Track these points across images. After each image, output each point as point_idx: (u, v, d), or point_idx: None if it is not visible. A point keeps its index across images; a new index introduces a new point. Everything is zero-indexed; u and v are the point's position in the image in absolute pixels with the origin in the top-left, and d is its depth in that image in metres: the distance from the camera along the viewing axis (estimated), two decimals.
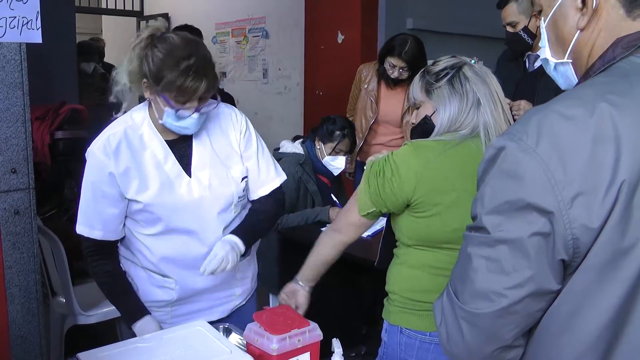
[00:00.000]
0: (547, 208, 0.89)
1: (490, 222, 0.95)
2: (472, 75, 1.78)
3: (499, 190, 0.95)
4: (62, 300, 3.07)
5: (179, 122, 1.82)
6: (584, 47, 1.05)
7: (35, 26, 2.38)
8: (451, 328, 1.03)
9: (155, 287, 1.99)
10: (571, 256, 0.91)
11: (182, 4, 9.23)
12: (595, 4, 1.01)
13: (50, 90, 4.57)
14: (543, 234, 0.91)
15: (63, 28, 4.87)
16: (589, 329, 0.93)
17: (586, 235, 0.89)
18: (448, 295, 1.04)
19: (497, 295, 0.95)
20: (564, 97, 0.97)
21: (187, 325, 1.65)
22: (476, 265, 0.97)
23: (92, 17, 11.62)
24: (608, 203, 0.88)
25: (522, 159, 0.91)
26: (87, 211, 1.89)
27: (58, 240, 2.92)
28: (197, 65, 1.74)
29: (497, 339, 0.99)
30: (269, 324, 1.54)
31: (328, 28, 5.63)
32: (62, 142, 4.36)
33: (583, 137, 0.89)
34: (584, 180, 0.88)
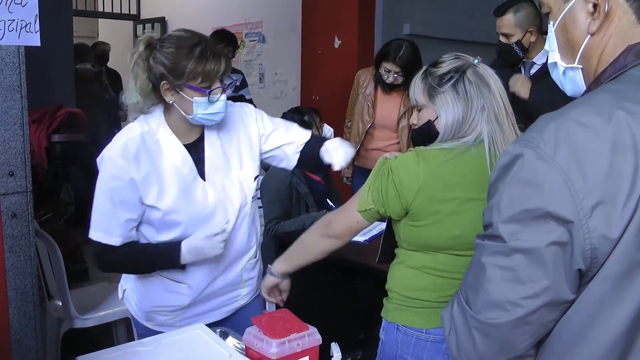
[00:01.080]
0: (567, 217, 0.88)
1: (506, 231, 0.93)
2: (476, 79, 1.73)
3: (516, 199, 0.93)
4: (59, 303, 3.06)
5: (210, 109, 1.83)
6: (594, 52, 1.04)
7: (34, 29, 2.38)
8: (462, 337, 1.01)
9: (167, 292, 1.99)
10: (588, 266, 0.90)
11: (178, 8, 9.24)
12: (607, 8, 1.00)
13: (47, 94, 4.56)
14: (561, 244, 0.90)
15: (61, 31, 4.87)
16: (603, 340, 0.93)
17: (605, 246, 0.88)
18: (459, 304, 1.02)
19: (513, 305, 0.94)
20: (578, 104, 0.97)
21: (186, 329, 1.65)
22: (490, 275, 0.95)
23: (89, 21, 11.61)
24: (627, 213, 0.87)
25: (541, 167, 0.90)
26: (104, 217, 1.86)
27: (55, 243, 2.92)
28: (211, 48, 1.80)
29: (510, 349, 0.98)
30: (268, 328, 1.54)
31: (325, 33, 5.64)
32: (59, 145, 4.35)
33: (602, 146, 0.88)
34: (604, 189, 0.87)
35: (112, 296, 3.27)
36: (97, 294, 3.33)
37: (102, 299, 3.24)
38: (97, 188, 1.87)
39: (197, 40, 1.80)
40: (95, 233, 1.87)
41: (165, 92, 1.84)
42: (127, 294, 2.11)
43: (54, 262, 2.96)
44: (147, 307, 2.03)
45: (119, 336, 3.31)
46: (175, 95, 1.83)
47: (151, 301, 2.01)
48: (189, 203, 1.89)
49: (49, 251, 2.98)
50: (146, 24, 10.00)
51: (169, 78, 1.80)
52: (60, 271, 2.95)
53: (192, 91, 1.80)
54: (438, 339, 1.76)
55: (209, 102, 1.81)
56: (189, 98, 1.81)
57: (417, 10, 5.96)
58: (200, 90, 1.79)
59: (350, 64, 5.33)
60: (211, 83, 1.80)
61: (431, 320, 1.76)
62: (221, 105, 1.84)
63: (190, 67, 1.76)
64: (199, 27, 6.24)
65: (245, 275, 2.10)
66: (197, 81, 1.78)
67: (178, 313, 2.02)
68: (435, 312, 1.74)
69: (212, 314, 2.05)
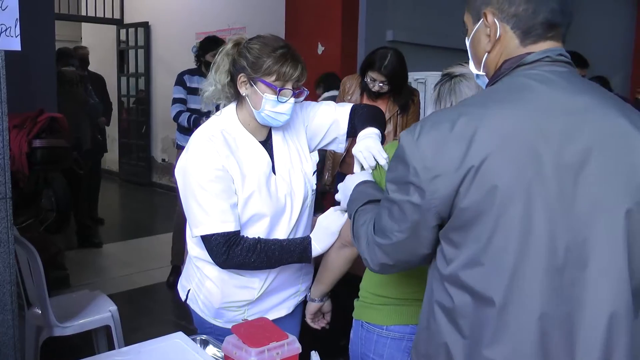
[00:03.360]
0: (419, 184, 1.22)
1: (389, 187, 1.31)
2: (460, 89, 1.76)
3: (394, 167, 1.30)
4: (38, 311, 3.02)
5: (277, 108, 1.90)
6: (491, 65, 1.36)
7: (14, 33, 2.35)
8: (371, 248, 1.40)
9: (237, 288, 2.02)
10: (441, 219, 1.25)
11: (162, 13, 9.23)
12: (498, 34, 1.31)
13: (28, 98, 4.52)
14: (414, 204, 1.25)
15: (42, 35, 4.83)
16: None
17: (443, 202, 1.21)
18: (371, 225, 1.41)
19: (390, 233, 1.32)
20: (457, 104, 1.34)
21: (164, 338, 1.65)
22: (382, 212, 1.35)
23: (72, 25, 11.56)
24: (455, 181, 1.19)
25: (408, 148, 1.25)
26: (212, 209, 1.87)
27: (34, 250, 2.89)
28: (292, 52, 1.90)
29: (390, 259, 1.38)
30: (248, 337, 1.53)
31: (308, 39, 5.66)
32: (40, 150, 4.31)
33: (448, 136, 1.20)
34: (442, 166, 1.20)
35: (93, 303, 3.25)
36: (78, 301, 3.29)
37: (83, 306, 3.21)
38: (189, 188, 1.90)
39: (282, 44, 1.91)
40: (207, 226, 1.87)
41: (241, 84, 1.93)
42: (192, 294, 2.13)
43: (34, 269, 2.93)
44: (218, 304, 2.05)
45: (99, 345, 3.28)
46: (249, 88, 1.92)
47: (223, 297, 2.03)
48: (267, 197, 1.96)
49: (28, 258, 2.95)
50: (129, 29, 9.98)
51: (247, 70, 1.90)
52: (40, 278, 2.91)
53: (264, 86, 1.88)
54: (398, 336, 1.80)
55: (277, 101, 1.89)
56: (260, 93, 1.89)
57: (401, 17, 5.99)
58: (271, 87, 1.88)
59: (333, 70, 5.34)
60: (284, 84, 1.89)
61: (391, 317, 1.80)
62: (288, 107, 1.92)
63: (268, 63, 1.86)
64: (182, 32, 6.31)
65: (304, 269, 2.15)
66: (271, 78, 1.87)
67: (246, 308, 2.06)
68: (396, 309, 1.80)
69: (276, 310, 2.10)
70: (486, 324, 1.19)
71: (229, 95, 2.00)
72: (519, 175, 1.16)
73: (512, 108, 1.20)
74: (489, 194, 1.16)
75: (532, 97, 1.22)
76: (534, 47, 1.29)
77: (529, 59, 1.28)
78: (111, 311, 3.17)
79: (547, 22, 1.28)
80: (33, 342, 3.02)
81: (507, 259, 1.17)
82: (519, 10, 1.28)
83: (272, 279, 2.04)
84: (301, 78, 1.91)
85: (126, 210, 8.91)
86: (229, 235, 1.87)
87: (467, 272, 1.21)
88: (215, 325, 2.07)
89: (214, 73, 1.98)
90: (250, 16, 7.30)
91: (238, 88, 1.94)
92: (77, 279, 5.01)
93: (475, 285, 1.20)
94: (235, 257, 1.88)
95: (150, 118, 9.89)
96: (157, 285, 5.12)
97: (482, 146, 1.17)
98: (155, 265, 5.53)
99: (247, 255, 1.88)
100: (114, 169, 10.60)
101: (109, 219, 7.31)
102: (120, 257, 5.94)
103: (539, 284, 1.17)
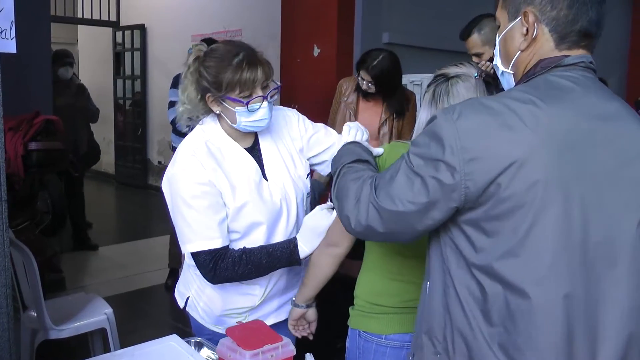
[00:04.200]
0: (451, 163, 1.21)
1: (415, 161, 1.29)
2: (457, 90, 1.74)
3: (426, 143, 1.27)
4: (33, 314, 3.02)
5: (253, 117, 1.86)
6: (522, 64, 1.38)
7: (10, 36, 2.35)
8: (362, 208, 1.37)
9: (239, 295, 2.01)
10: (463, 203, 1.24)
11: (158, 16, 9.22)
12: (535, 33, 1.33)
13: (24, 101, 4.51)
14: (440, 182, 1.23)
15: (38, 38, 4.83)
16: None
17: (473, 187, 1.21)
18: (370, 186, 1.38)
19: (400, 201, 1.29)
20: (494, 95, 1.33)
21: (159, 341, 1.65)
22: (399, 178, 1.31)
23: (68, 27, 11.55)
24: (496, 170, 1.19)
25: (445, 126, 1.24)
26: (198, 226, 1.86)
27: (30, 253, 2.88)
28: (248, 57, 1.82)
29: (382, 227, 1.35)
30: (242, 339, 1.53)
31: (304, 41, 5.65)
32: (36, 153, 4.31)
33: (492, 121, 1.21)
34: (481, 149, 1.20)
35: (89, 306, 3.24)
36: (74, 304, 3.29)
37: (79, 309, 3.20)
38: (175, 204, 1.88)
39: (235, 51, 1.83)
40: (194, 244, 1.87)
41: (211, 103, 1.90)
42: (191, 302, 2.11)
43: (29, 272, 2.93)
44: (219, 312, 2.05)
45: (95, 347, 3.28)
46: (220, 105, 1.89)
47: (224, 305, 2.03)
48: (260, 203, 1.93)
49: (23, 261, 2.94)
50: (125, 31, 9.97)
51: (211, 91, 1.85)
52: (35, 281, 2.91)
53: (232, 102, 1.85)
54: (397, 345, 1.77)
55: (249, 112, 1.85)
56: (232, 108, 1.86)
57: (397, 19, 6.00)
58: (239, 102, 1.83)
59: (329, 72, 5.34)
60: (251, 92, 1.84)
61: (390, 326, 1.78)
62: (263, 112, 1.87)
63: (227, 78, 1.81)
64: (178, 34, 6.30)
65: (303, 273, 2.10)
66: (235, 92, 1.83)
67: (247, 314, 2.04)
68: (394, 317, 1.77)
69: (276, 313, 2.08)
70: (517, 315, 1.22)
71: (204, 111, 1.96)
72: (561, 171, 1.19)
73: (556, 106, 1.23)
74: (532, 187, 1.18)
75: (572, 97, 1.26)
76: (568, 53, 1.33)
77: (566, 61, 1.31)
78: (107, 314, 3.16)
79: (584, 31, 1.31)
80: (28, 345, 3.02)
81: (545, 253, 1.21)
82: (560, 15, 1.31)
83: (273, 284, 2.04)
84: (267, 77, 1.86)
85: (122, 212, 8.90)
86: (215, 251, 1.86)
87: (501, 263, 1.23)
88: (215, 331, 2.06)
89: (182, 93, 1.93)
90: (246, 18, 7.31)
91: (210, 107, 1.91)
92: (73, 282, 5.00)
93: (509, 276, 1.22)
94: (223, 271, 1.87)
95: (146, 120, 9.88)
96: (153, 288, 5.11)
97: (528, 142, 1.18)
98: (151, 268, 5.52)
99: (234, 268, 1.87)
100: (110, 171, 10.59)
101: (104, 221, 7.31)
102: (116, 259, 5.93)
103: (572, 279, 1.22)
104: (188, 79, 1.91)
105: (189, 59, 1.92)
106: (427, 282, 1.42)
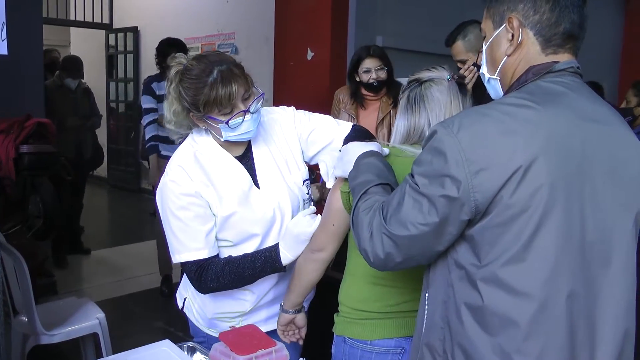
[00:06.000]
0: (457, 177, 1.21)
1: (420, 181, 1.28)
2: (431, 94, 1.74)
3: (429, 160, 1.27)
4: (24, 319, 2.99)
5: (238, 130, 1.85)
6: (509, 69, 1.41)
7: (1, 37, 2.34)
8: (376, 239, 1.35)
9: (230, 299, 2.01)
10: (474, 215, 1.23)
11: (151, 18, 9.20)
12: (520, 39, 1.37)
13: (15, 103, 4.48)
14: (449, 197, 1.22)
15: (30, 40, 4.80)
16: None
17: (483, 198, 1.21)
18: (380, 216, 1.36)
19: (412, 225, 1.28)
20: (490, 103, 1.31)
21: (151, 346, 1.63)
22: (406, 202, 1.30)
23: (61, 29, 11.51)
24: (503, 178, 1.20)
25: (446, 140, 1.24)
26: (185, 237, 1.86)
27: (21, 257, 2.86)
28: (221, 74, 1.78)
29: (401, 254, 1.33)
30: (235, 344, 1.52)
31: (298, 44, 5.65)
32: (28, 156, 4.27)
33: (494, 129, 1.22)
34: (487, 159, 1.20)
35: (81, 311, 3.22)
36: (65, 308, 3.26)
37: (70, 313, 3.18)
38: (164, 214, 1.89)
39: (209, 69, 1.80)
40: (182, 255, 1.87)
41: (197, 121, 1.89)
42: (188, 303, 2.13)
43: (20, 277, 2.91)
44: (211, 315, 2.05)
45: (87, 352, 3.26)
46: (204, 123, 1.89)
47: (215, 308, 2.02)
48: (250, 212, 1.92)
49: (14, 265, 2.92)
50: (118, 34, 9.94)
51: (192, 111, 1.85)
52: (26, 286, 2.89)
53: (214, 120, 1.83)
54: (383, 350, 1.75)
55: (232, 128, 1.83)
56: (215, 125, 1.84)
57: (390, 23, 6.00)
58: (219, 120, 1.82)
59: (322, 75, 5.35)
60: (232, 108, 1.81)
61: (375, 331, 1.76)
62: (247, 125, 1.85)
63: (204, 100, 1.78)
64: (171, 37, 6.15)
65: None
66: (215, 111, 1.81)
67: (240, 319, 2.04)
68: (379, 323, 1.76)
69: (272, 321, 2.05)
70: (520, 320, 1.23)
71: (192, 125, 1.95)
72: (562, 175, 1.22)
73: (553, 109, 1.26)
74: (536, 192, 1.20)
75: (567, 101, 1.29)
76: (555, 57, 1.37)
77: (557, 67, 1.35)
78: (99, 318, 3.14)
79: (567, 33, 1.36)
80: (19, 351, 2.99)
81: (550, 255, 1.22)
82: (543, 18, 1.35)
83: (265, 291, 2.02)
84: (245, 89, 1.83)
85: (114, 216, 8.86)
86: (200, 262, 1.86)
87: (506, 269, 1.24)
88: (209, 334, 2.06)
89: (169, 110, 1.91)
90: (240, 21, 7.30)
91: (196, 123, 1.91)
92: (65, 286, 4.97)
93: (513, 282, 1.23)
94: (208, 282, 1.87)
95: (139, 124, 9.84)
96: (145, 292, 5.09)
97: (531, 146, 1.20)
98: (144, 272, 5.50)
99: (218, 279, 1.86)
100: (103, 174, 10.55)
101: (97, 225, 7.27)
102: (109, 263, 5.90)
103: (573, 278, 1.24)
104: (172, 94, 1.89)
105: (170, 72, 1.89)
106: (426, 293, 1.41)
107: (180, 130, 1.96)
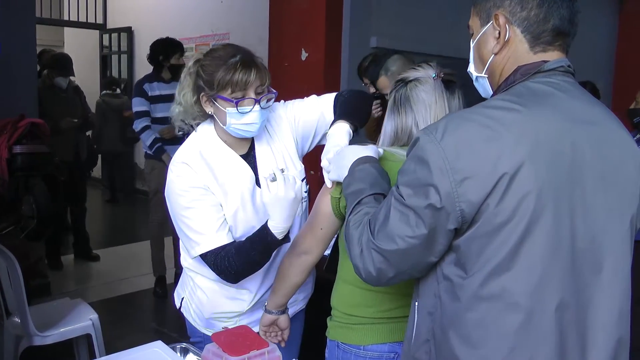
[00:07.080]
0: (441, 186, 1.18)
1: (404, 192, 1.24)
2: (416, 94, 1.73)
3: (412, 170, 1.24)
4: (17, 320, 2.98)
5: (243, 120, 1.84)
6: (497, 67, 1.37)
7: None
8: (366, 255, 1.31)
9: (227, 299, 2.01)
10: (460, 224, 1.21)
11: (145, 18, 9.18)
12: (507, 36, 1.33)
13: (8, 103, 4.47)
14: (434, 207, 1.19)
15: (23, 40, 4.78)
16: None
17: (470, 208, 1.18)
18: (367, 232, 1.32)
19: (400, 239, 1.25)
20: (474, 107, 1.27)
21: (143, 347, 1.63)
22: (392, 215, 1.26)
23: (54, 29, 11.47)
24: (488, 186, 1.16)
25: (428, 148, 1.21)
26: (203, 229, 1.85)
27: (14, 258, 2.85)
28: (243, 60, 1.82)
29: (392, 268, 1.30)
30: (228, 345, 1.52)
31: (292, 45, 5.64)
32: (21, 156, 4.26)
33: (478, 136, 1.19)
34: (472, 168, 1.17)
35: (74, 312, 3.21)
36: (59, 309, 3.26)
37: (64, 315, 3.17)
38: (175, 212, 1.88)
39: (233, 53, 1.84)
40: (204, 246, 1.85)
41: (205, 103, 1.89)
42: (185, 303, 2.12)
43: (13, 278, 2.89)
44: (208, 315, 2.05)
45: (80, 353, 3.25)
46: (212, 106, 1.89)
47: (212, 308, 2.02)
48: (254, 211, 1.93)
49: (7, 266, 2.91)
50: (112, 34, 9.92)
51: (205, 89, 1.85)
52: (19, 287, 2.88)
53: (223, 101, 1.83)
54: (376, 355, 1.75)
55: (240, 113, 1.83)
56: (223, 108, 1.85)
57: (384, 24, 6.00)
58: (229, 101, 1.82)
59: (316, 76, 5.34)
60: (244, 94, 1.83)
61: (368, 336, 1.75)
62: (255, 116, 1.85)
63: (220, 77, 1.81)
64: None
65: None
66: (227, 91, 1.82)
67: (237, 319, 2.04)
68: (372, 328, 1.75)
69: None
70: (507, 331, 1.20)
71: (199, 114, 1.95)
72: (550, 180, 1.18)
73: (541, 112, 1.22)
74: (523, 200, 1.17)
75: (556, 103, 1.25)
76: (544, 56, 1.32)
77: (546, 67, 1.30)
78: (92, 319, 3.14)
79: (557, 29, 1.31)
80: (12, 352, 2.99)
81: (537, 263, 1.19)
82: (530, 15, 1.30)
83: (263, 291, 2.02)
84: (262, 82, 1.85)
85: (109, 217, 8.83)
86: (216, 251, 1.84)
87: (492, 279, 1.20)
88: (206, 335, 2.05)
89: (180, 93, 1.93)
90: (234, 22, 7.29)
91: (204, 107, 1.91)
92: (58, 287, 4.96)
93: (498, 292, 1.20)
94: (224, 268, 1.84)
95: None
96: (139, 293, 5.08)
97: (516, 152, 1.16)
98: (138, 273, 5.48)
99: (230, 261, 1.82)
100: (97, 175, 10.51)
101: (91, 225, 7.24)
102: (102, 264, 5.89)
103: (562, 286, 1.21)
104: (186, 80, 1.91)
105: (189, 61, 1.93)
106: (416, 302, 1.39)
107: (185, 118, 1.96)
